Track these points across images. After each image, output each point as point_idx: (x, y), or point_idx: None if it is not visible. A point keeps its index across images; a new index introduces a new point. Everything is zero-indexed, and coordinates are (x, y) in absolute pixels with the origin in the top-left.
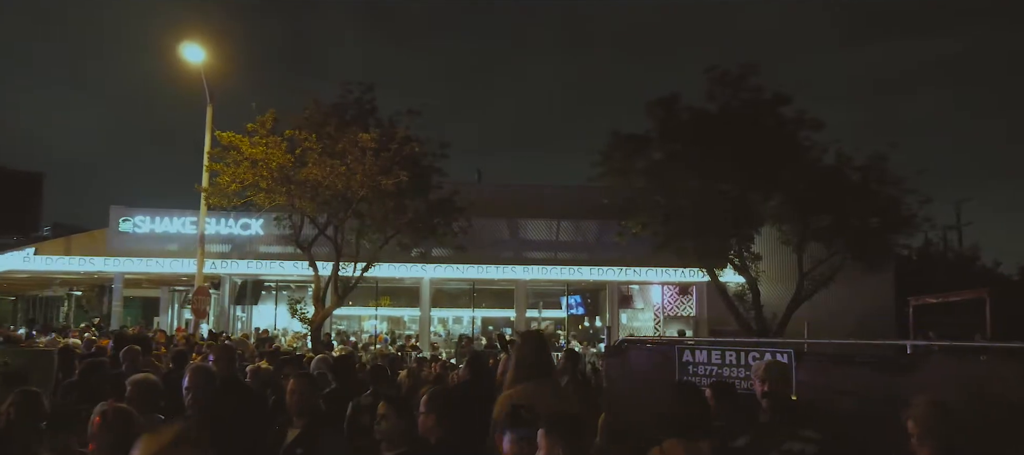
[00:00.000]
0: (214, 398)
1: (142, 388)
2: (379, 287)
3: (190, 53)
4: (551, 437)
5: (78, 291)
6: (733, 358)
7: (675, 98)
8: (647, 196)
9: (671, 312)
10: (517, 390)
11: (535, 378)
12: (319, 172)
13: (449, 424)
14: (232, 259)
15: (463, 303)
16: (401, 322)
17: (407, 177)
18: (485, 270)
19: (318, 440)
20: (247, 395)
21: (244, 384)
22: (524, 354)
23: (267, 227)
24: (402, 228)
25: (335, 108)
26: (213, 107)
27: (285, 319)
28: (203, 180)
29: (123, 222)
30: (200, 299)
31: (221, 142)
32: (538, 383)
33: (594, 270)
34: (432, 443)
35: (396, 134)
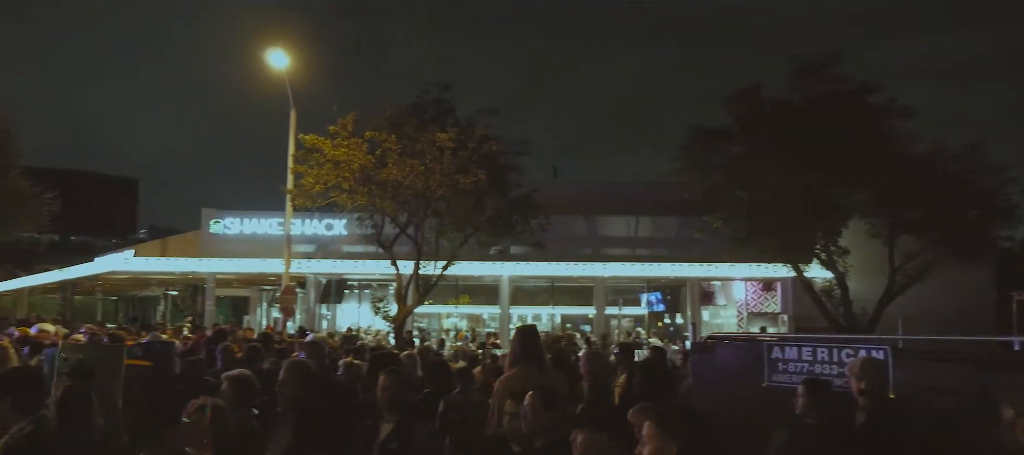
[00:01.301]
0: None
1: (237, 383)
2: (459, 285)
3: (275, 59)
4: (663, 431)
5: (174, 291)
6: (825, 355)
7: (755, 90)
8: (728, 190)
9: (755, 308)
10: (512, 372)
11: (524, 363)
12: (399, 172)
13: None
14: (317, 259)
15: (542, 300)
16: (481, 320)
17: (485, 176)
18: (563, 267)
19: (411, 436)
20: (338, 391)
21: (334, 380)
22: (517, 345)
23: (350, 227)
24: (481, 226)
25: (413, 108)
26: (296, 111)
27: (368, 317)
28: (288, 182)
29: (214, 224)
30: (287, 298)
31: (305, 145)
32: (525, 366)
33: (674, 266)
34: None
35: (474, 133)
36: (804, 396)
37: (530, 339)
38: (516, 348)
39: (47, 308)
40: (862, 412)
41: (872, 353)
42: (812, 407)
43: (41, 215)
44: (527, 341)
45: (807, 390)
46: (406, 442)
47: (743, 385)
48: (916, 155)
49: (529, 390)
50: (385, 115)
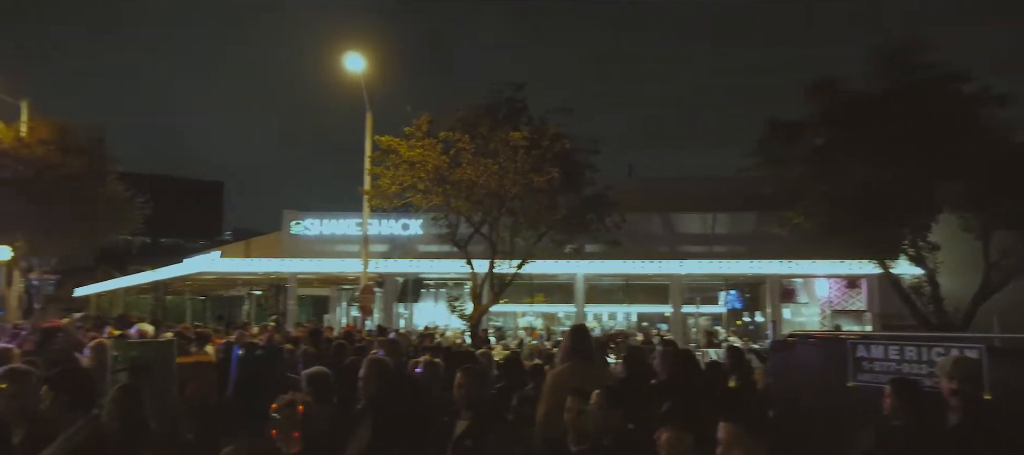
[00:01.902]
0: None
1: (316, 380)
2: (534, 284)
3: (351, 63)
4: (753, 435)
5: (258, 290)
6: (913, 354)
7: (836, 81)
8: (808, 185)
9: (838, 306)
10: (561, 367)
11: (573, 358)
12: (473, 172)
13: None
14: (393, 258)
15: (617, 299)
16: (556, 318)
17: (559, 174)
18: (639, 265)
19: (486, 432)
20: (415, 388)
21: (412, 377)
22: (568, 341)
23: (425, 227)
24: (555, 225)
25: (486, 108)
26: (372, 113)
27: (444, 316)
28: (365, 183)
29: (294, 225)
30: (366, 297)
31: (380, 146)
32: (574, 362)
33: (753, 263)
34: None
35: (547, 131)
36: (891, 396)
37: (580, 336)
38: (567, 345)
39: (141, 308)
40: (954, 414)
41: (965, 352)
42: (900, 408)
43: (134, 219)
44: (577, 338)
45: (894, 390)
46: (480, 438)
47: (827, 385)
48: (1014, 144)
49: (576, 385)
50: (458, 115)
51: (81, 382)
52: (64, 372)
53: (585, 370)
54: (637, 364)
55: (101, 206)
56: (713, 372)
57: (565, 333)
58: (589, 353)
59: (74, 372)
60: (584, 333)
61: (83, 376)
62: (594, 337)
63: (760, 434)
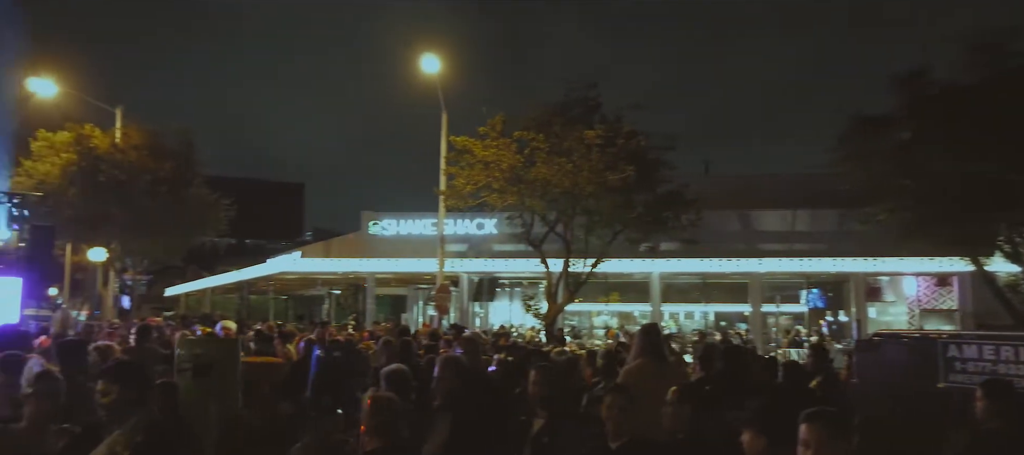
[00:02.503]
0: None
1: (394, 377)
2: (609, 282)
3: (427, 64)
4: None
5: (337, 290)
6: (1009, 354)
7: (923, 71)
8: (893, 180)
9: (928, 305)
10: (631, 366)
11: (644, 357)
12: (547, 171)
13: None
14: (469, 258)
15: (694, 298)
16: (632, 317)
17: (633, 171)
18: (716, 263)
19: (563, 430)
20: (491, 386)
21: (487, 375)
22: (639, 341)
23: (500, 226)
24: (630, 223)
25: (560, 107)
26: (447, 114)
27: (520, 315)
28: (441, 183)
29: (372, 225)
30: (442, 296)
31: (455, 147)
32: (645, 360)
33: (836, 261)
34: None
35: (621, 129)
36: (983, 399)
37: (651, 336)
38: (638, 344)
39: (227, 307)
40: None
41: None
42: (992, 411)
43: (220, 221)
44: (648, 337)
45: (986, 392)
46: (556, 436)
47: (915, 386)
48: None
49: (645, 383)
50: (532, 115)
51: (137, 375)
52: (120, 365)
53: (655, 368)
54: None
55: (189, 208)
56: (795, 372)
57: (637, 332)
58: (660, 352)
59: (130, 365)
60: (655, 332)
61: (139, 370)
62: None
63: (842, 436)
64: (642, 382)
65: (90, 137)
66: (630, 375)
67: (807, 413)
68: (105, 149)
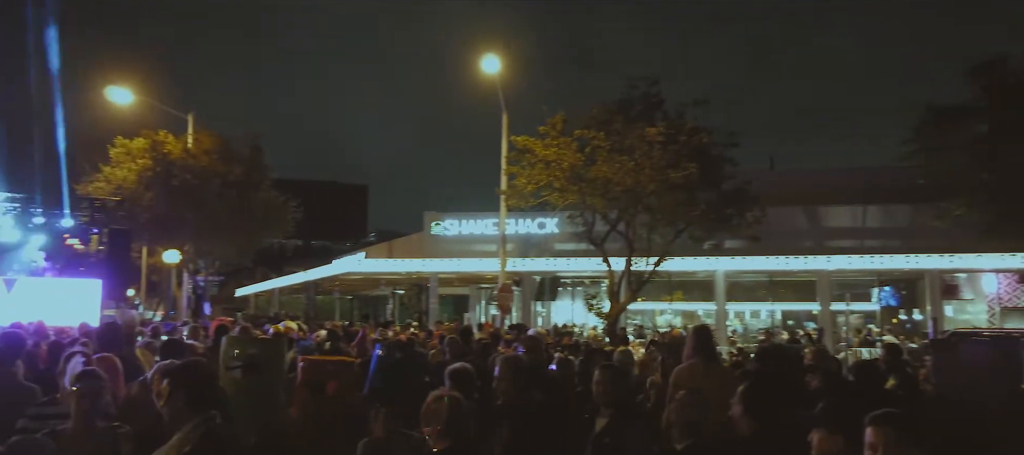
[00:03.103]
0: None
1: (459, 376)
2: (672, 281)
3: (487, 64)
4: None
5: (400, 289)
6: None
7: (1002, 61)
8: (971, 173)
9: (1009, 303)
10: (682, 367)
11: (693, 358)
12: (608, 169)
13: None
14: (530, 257)
15: (760, 296)
16: (695, 316)
17: (696, 169)
18: (783, 261)
19: (625, 429)
20: (552, 384)
21: (548, 374)
22: (692, 340)
23: (561, 225)
24: (693, 221)
25: (621, 104)
26: (508, 114)
27: (582, 314)
28: (502, 183)
29: (435, 226)
30: (504, 296)
31: (516, 146)
32: (695, 361)
33: (909, 258)
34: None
35: (683, 126)
36: None
37: (702, 337)
38: (689, 344)
39: (294, 307)
40: None
41: None
42: None
43: (288, 222)
44: (699, 338)
45: None
46: (619, 436)
47: (996, 387)
48: None
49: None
50: (593, 113)
51: (201, 379)
52: (185, 367)
53: (705, 368)
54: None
55: (258, 211)
56: (867, 372)
57: (689, 332)
58: (710, 353)
59: (195, 367)
60: (706, 333)
61: (204, 372)
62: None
63: (913, 440)
64: (691, 383)
65: (164, 143)
66: (680, 376)
67: (874, 415)
68: (178, 154)
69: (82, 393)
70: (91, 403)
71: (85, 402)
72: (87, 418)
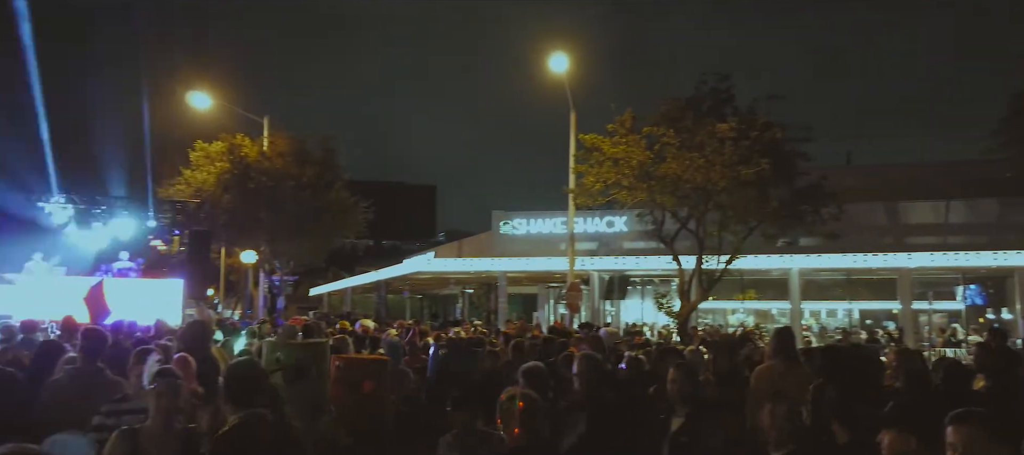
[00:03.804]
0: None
1: (532, 374)
2: (744, 280)
3: (555, 63)
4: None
5: (470, 289)
6: None
7: None
8: None
9: None
10: (762, 368)
11: (776, 359)
12: (678, 166)
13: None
14: (599, 256)
15: (837, 295)
16: (768, 315)
17: (768, 165)
18: (861, 259)
19: (703, 429)
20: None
21: (619, 373)
22: (773, 342)
23: (630, 224)
24: (766, 218)
25: (690, 101)
26: (576, 112)
27: (652, 313)
28: (570, 182)
29: (503, 225)
30: (573, 294)
31: (584, 144)
32: (776, 362)
33: (998, 255)
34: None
35: (755, 121)
36: None
37: (783, 339)
38: (772, 345)
39: (366, 306)
40: None
41: None
42: None
43: (360, 223)
44: (781, 340)
45: None
46: (696, 436)
47: None
48: None
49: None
50: (662, 109)
51: (241, 378)
52: (227, 369)
53: (785, 370)
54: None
55: (331, 212)
56: (953, 371)
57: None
58: (792, 354)
59: (236, 367)
60: (788, 335)
61: (244, 372)
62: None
63: (1000, 441)
64: (770, 385)
65: (241, 146)
66: (760, 377)
67: (955, 414)
68: (254, 157)
69: (161, 392)
70: (169, 401)
71: (164, 400)
72: (166, 417)
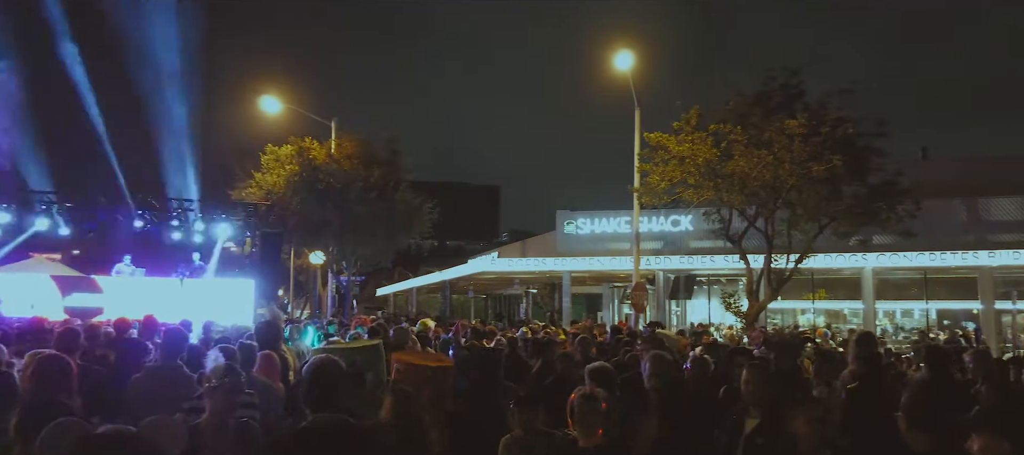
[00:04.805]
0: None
1: (600, 374)
2: (814, 279)
3: (620, 61)
4: None
5: (534, 289)
6: None
7: None
8: None
9: None
10: (845, 372)
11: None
12: (745, 164)
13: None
14: (664, 255)
15: (913, 294)
16: (841, 315)
17: (841, 161)
18: (938, 257)
19: (779, 431)
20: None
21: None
22: (853, 349)
23: (696, 222)
24: (838, 215)
25: (759, 97)
26: (640, 110)
27: (719, 313)
28: (635, 181)
29: (567, 225)
30: (638, 294)
31: (649, 143)
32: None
33: None
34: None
35: (826, 117)
36: None
37: (864, 343)
38: (851, 350)
39: (431, 306)
40: None
41: None
42: None
43: (425, 224)
44: (861, 345)
45: None
46: (773, 437)
47: None
48: None
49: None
50: (729, 106)
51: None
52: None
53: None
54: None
55: (397, 213)
56: None
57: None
58: (874, 358)
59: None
60: (869, 339)
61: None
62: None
63: None
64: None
65: (309, 149)
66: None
67: None
68: (322, 159)
69: (218, 388)
70: (226, 397)
71: (220, 395)
72: (222, 412)
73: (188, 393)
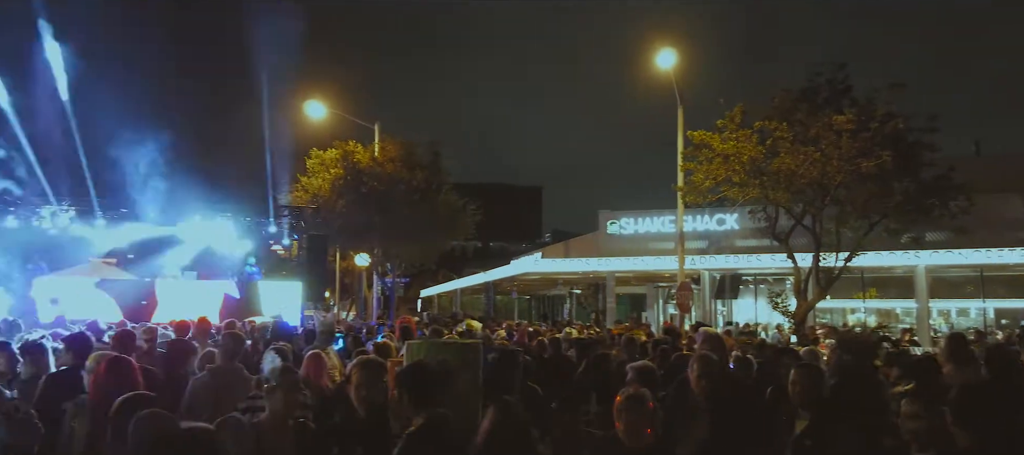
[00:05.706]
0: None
1: (644, 373)
2: (864, 277)
3: (662, 59)
4: None
5: (577, 289)
6: None
7: None
8: None
9: None
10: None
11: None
12: (792, 161)
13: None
14: (710, 254)
15: (969, 293)
16: (893, 314)
17: (891, 157)
18: (995, 254)
19: (829, 433)
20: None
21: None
22: (946, 347)
23: (742, 221)
24: (888, 212)
25: (804, 93)
26: (683, 108)
27: (766, 313)
28: (679, 179)
29: (610, 225)
30: (683, 294)
31: (693, 141)
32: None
33: None
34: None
35: (875, 112)
36: None
37: (955, 344)
38: (945, 352)
39: (475, 307)
40: None
41: None
42: None
43: (468, 225)
44: (952, 346)
45: None
46: (822, 439)
47: None
48: None
49: None
50: (774, 103)
51: (424, 380)
52: (407, 370)
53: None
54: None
55: (440, 215)
56: None
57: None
58: (967, 359)
59: (417, 369)
60: (960, 340)
61: (425, 374)
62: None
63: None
64: None
65: (354, 153)
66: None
67: None
68: (366, 163)
69: (277, 388)
70: (285, 397)
71: (278, 395)
72: (282, 412)
73: (245, 393)
